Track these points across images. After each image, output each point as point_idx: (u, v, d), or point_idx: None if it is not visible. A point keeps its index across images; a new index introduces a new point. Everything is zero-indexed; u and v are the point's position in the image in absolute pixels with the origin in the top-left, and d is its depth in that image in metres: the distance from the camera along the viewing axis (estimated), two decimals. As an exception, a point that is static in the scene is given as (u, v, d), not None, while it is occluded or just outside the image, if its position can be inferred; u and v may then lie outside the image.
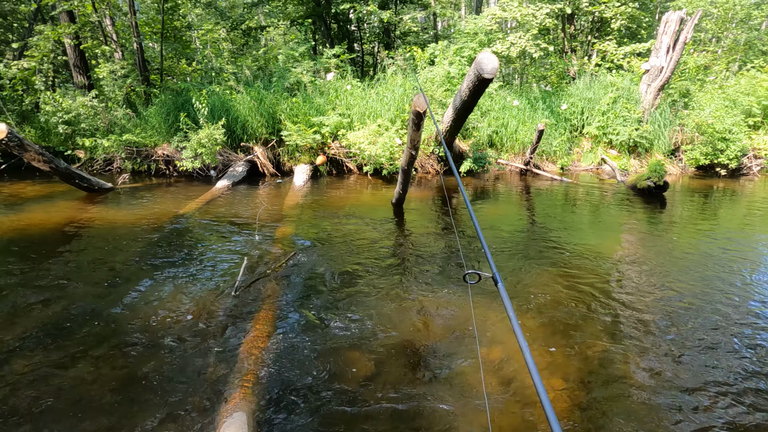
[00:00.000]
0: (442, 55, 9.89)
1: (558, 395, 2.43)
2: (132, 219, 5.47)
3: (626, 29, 13.30)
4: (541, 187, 8.27)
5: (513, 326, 1.34)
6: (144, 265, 4.04)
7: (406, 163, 4.98)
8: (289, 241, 4.76)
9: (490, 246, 4.74)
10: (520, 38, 11.25)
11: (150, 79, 10.49)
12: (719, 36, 19.16)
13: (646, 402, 2.39)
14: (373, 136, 8.25)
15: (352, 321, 3.11)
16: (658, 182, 7.35)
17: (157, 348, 2.75)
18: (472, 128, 9.58)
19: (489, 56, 5.87)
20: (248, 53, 12.79)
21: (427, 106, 3.94)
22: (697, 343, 2.95)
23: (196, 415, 2.19)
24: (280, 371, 2.54)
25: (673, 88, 10.90)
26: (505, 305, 1.44)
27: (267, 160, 8.58)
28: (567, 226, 5.64)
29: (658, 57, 9.88)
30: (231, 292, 3.46)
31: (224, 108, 8.58)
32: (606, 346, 2.88)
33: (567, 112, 10.40)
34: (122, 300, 3.36)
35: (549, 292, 3.63)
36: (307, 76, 9.52)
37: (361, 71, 13.38)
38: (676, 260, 4.49)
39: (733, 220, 6.30)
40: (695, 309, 3.42)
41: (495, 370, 2.63)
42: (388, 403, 2.32)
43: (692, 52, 12.66)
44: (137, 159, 8.51)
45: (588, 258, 4.43)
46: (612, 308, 3.40)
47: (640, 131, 9.80)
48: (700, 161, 9.88)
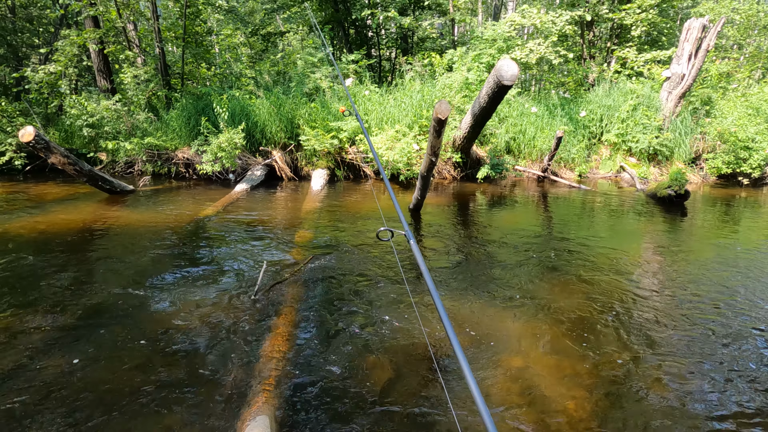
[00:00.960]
0: (461, 62, 9.90)
1: (579, 405, 2.40)
2: (153, 221, 5.55)
3: (647, 36, 13.18)
4: (559, 195, 8.21)
5: (425, 278, 1.52)
6: (165, 267, 4.10)
7: (426, 169, 4.99)
8: (307, 245, 4.78)
9: (509, 253, 4.72)
10: (540, 45, 11.20)
11: (171, 84, 10.66)
12: (741, 43, 18.88)
13: (668, 418, 2.35)
14: (391, 141, 8.27)
15: (371, 326, 3.11)
16: (678, 191, 7.25)
17: (178, 349, 2.78)
18: (489, 134, 9.56)
19: (509, 63, 5.87)
20: (267, 58, 12.92)
21: (448, 112, 3.95)
22: (720, 358, 2.89)
23: (219, 418, 2.21)
24: (301, 375, 2.55)
25: (694, 96, 10.76)
26: (416, 258, 1.70)
27: (285, 164, 8.66)
28: (585, 235, 5.58)
29: (680, 64, 9.77)
30: (251, 295, 3.49)
31: (244, 112, 8.68)
32: (627, 358, 2.84)
33: (586, 119, 10.33)
34: (143, 301, 3.40)
35: (567, 302, 3.60)
36: (326, 81, 9.59)
37: (378, 77, 13.44)
38: (697, 271, 4.41)
39: (756, 231, 6.18)
40: (717, 322, 3.36)
41: (514, 378, 2.61)
42: (408, 408, 2.32)
43: (714, 60, 12.49)
44: (158, 162, 8.64)
45: (606, 268, 4.38)
46: (632, 320, 3.36)
47: (661, 139, 9.69)
48: (722, 170, 9.73)
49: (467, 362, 1.24)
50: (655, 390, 2.54)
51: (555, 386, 2.55)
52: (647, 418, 2.32)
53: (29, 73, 9.21)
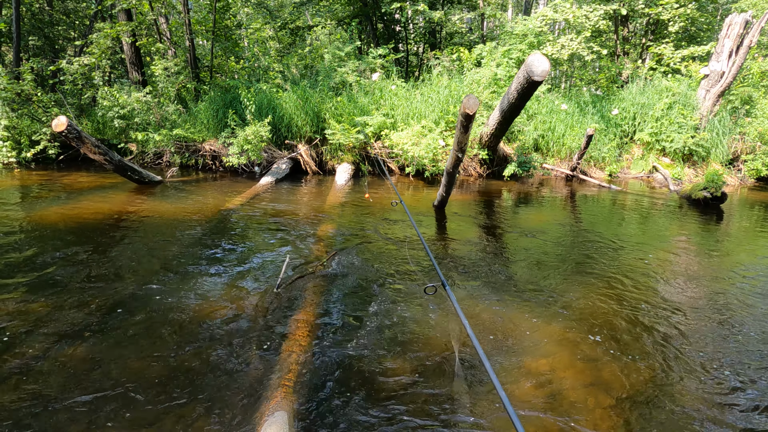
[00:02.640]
0: (489, 57, 9.74)
1: (606, 414, 2.31)
2: (180, 212, 5.62)
3: (684, 32, 12.73)
4: (588, 194, 8.00)
5: (466, 329, 1.57)
6: (189, 257, 4.13)
7: (452, 165, 4.90)
8: (330, 239, 4.76)
9: (535, 253, 4.60)
10: (572, 41, 10.93)
11: (200, 76, 10.78)
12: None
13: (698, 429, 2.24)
14: (417, 137, 8.19)
15: (392, 323, 3.06)
16: (715, 193, 6.98)
17: (201, 341, 2.78)
18: (517, 131, 9.38)
19: (540, 58, 5.73)
20: (294, 52, 12.96)
21: (477, 108, 3.86)
22: (755, 371, 2.75)
23: (238, 412, 2.19)
24: (320, 371, 2.52)
25: (734, 95, 10.35)
26: (456, 310, 1.75)
27: (310, 158, 8.66)
28: (614, 236, 5.42)
29: (719, 61, 9.39)
30: (274, 288, 3.48)
31: (270, 106, 8.71)
32: (657, 367, 2.72)
33: (618, 117, 10.05)
34: (167, 292, 3.43)
35: (594, 306, 3.48)
36: (353, 75, 9.55)
37: (405, 72, 13.34)
38: (732, 277, 4.23)
39: (798, 237, 5.90)
40: (752, 333, 3.20)
41: (540, 383, 2.53)
42: (427, 407, 2.26)
43: (757, 57, 11.99)
44: (186, 153, 8.75)
45: (636, 271, 4.23)
46: (662, 327, 3.23)
47: (697, 139, 9.35)
48: (762, 172, 9.33)
49: (496, 377, 1.17)
50: (686, 402, 2.43)
51: (581, 393, 2.46)
52: (676, 431, 2.22)
53: (64, 65, 9.43)
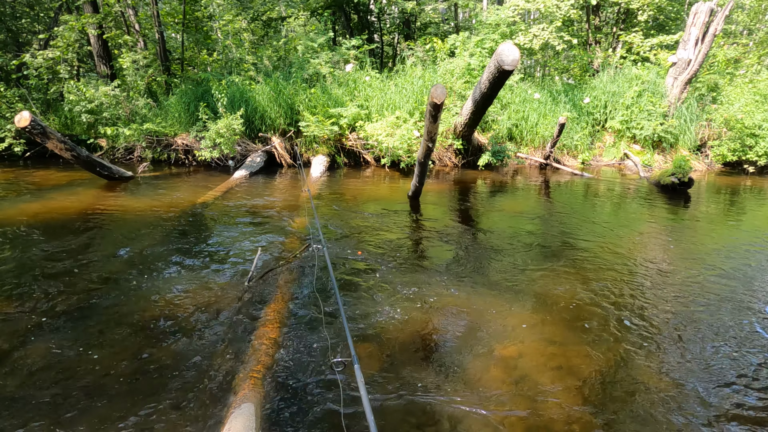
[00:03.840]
0: (463, 47, 9.76)
1: (571, 394, 2.37)
2: (150, 207, 5.53)
3: (653, 20, 12.95)
4: (561, 182, 8.13)
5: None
6: (160, 253, 4.08)
7: (423, 155, 4.92)
8: (304, 232, 4.75)
9: (508, 240, 4.67)
10: (544, 30, 11.03)
11: (171, 69, 10.58)
12: (751, 28, 18.53)
13: (661, 406, 2.32)
14: (391, 128, 8.19)
15: (364, 314, 3.09)
16: (682, 178, 7.15)
17: (169, 336, 2.76)
18: (491, 121, 9.45)
19: (510, 48, 5.77)
20: (268, 44, 12.79)
21: (444, 97, 3.88)
22: (717, 347, 2.85)
23: (205, 405, 2.19)
24: (290, 363, 2.53)
25: (700, 82, 10.59)
26: (360, 390, 1.66)
27: (284, 150, 8.60)
28: (586, 223, 5.52)
29: (686, 49, 9.59)
30: (245, 282, 3.46)
31: (243, 98, 8.61)
32: (622, 347, 2.80)
33: (589, 105, 10.19)
34: (137, 287, 3.39)
35: (565, 291, 3.56)
36: (326, 67, 9.49)
37: (380, 63, 13.29)
38: (699, 260, 4.36)
39: (760, 219, 6.09)
40: (716, 311, 3.31)
41: (507, 367, 2.58)
42: (398, 396, 2.30)
43: (722, 45, 12.27)
44: (157, 148, 8.60)
45: (606, 256, 4.33)
46: (630, 308, 3.32)
47: (665, 126, 9.56)
48: (728, 158, 9.60)
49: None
50: (648, 380, 2.51)
51: (548, 376, 2.52)
52: (639, 409, 2.29)
53: (28, 58, 9.15)
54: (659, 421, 2.21)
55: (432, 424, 2.14)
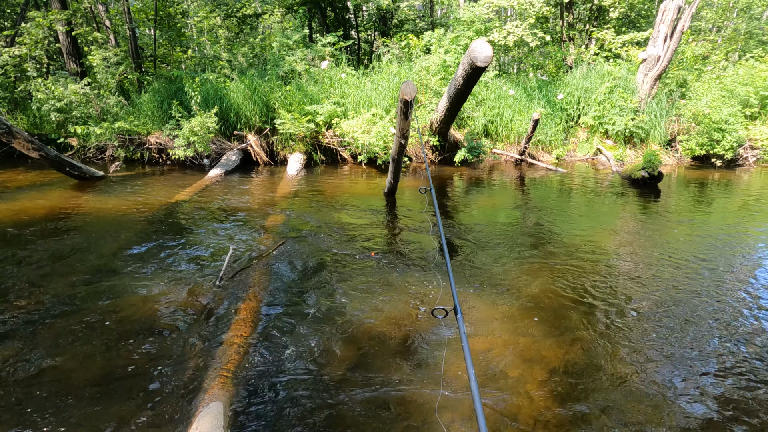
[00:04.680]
0: (438, 44, 9.81)
1: (540, 386, 2.43)
2: (122, 207, 5.45)
3: (625, 17, 13.18)
4: (536, 177, 8.24)
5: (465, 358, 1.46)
6: (131, 253, 4.03)
7: (396, 152, 4.95)
8: (278, 230, 4.74)
9: (484, 236, 4.73)
10: (518, 27, 11.14)
11: (143, 67, 10.40)
12: (720, 25, 19.00)
13: (630, 393, 2.39)
14: (367, 125, 8.20)
15: (337, 310, 3.10)
16: (652, 172, 7.32)
17: (139, 337, 2.74)
18: (467, 117, 9.52)
19: (482, 44, 5.83)
20: (244, 41, 12.65)
21: (414, 93, 3.91)
22: (685, 334, 2.95)
23: (173, 405, 2.19)
24: (261, 360, 2.53)
25: (670, 78, 10.83)
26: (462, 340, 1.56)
27: (260, 148, 8.54)
28: (560, 217, 5.62)
29: (656, 46, 9.80)
30: (216, 281, 3.45)
31: (218, 96, 8.52)
32: (593, 338, 2.88)
33: (563, 101, 10.34)
34: (106, 288, 3.34)
35: (538, 285, 3.63)
36: (302, 64, 9.44)
37: (357, 59, 13.27)
38: (667, 251, 4.48)
39: (727, 211, 6.28)
40: (684, 301, 3.42)
41: (481, 360, 2.63)
42: (370, 391, 2.32)
43: (690, 42, 12.56)
44: (130, 147, 8.46)
45: (579, 249, 4.42)
46: (601, 299, 3.40)
47: (636, 121, 9.75)
48: (696, 152, 9.84)
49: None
50: (616, 370, 2.58)
51: (519, 369, 2.57)
52: (606, 398, 2.36)
53: (-7, 55, 8.89)
54: (628, 410, 2.28)
55: (404, 415, 2.17)
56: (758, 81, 10.68)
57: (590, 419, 2.20)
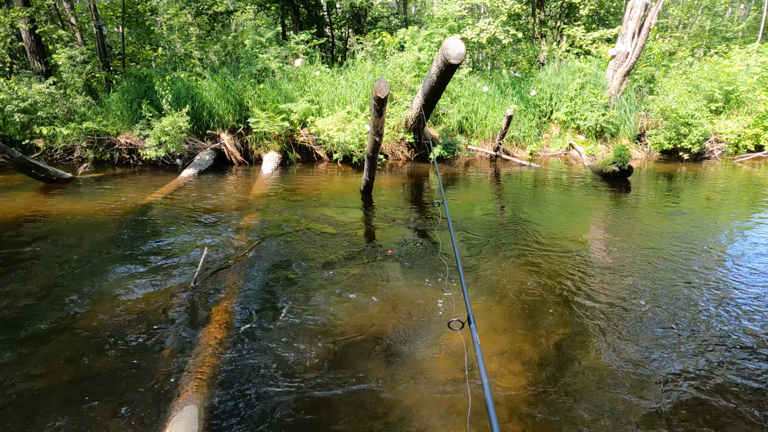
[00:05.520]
0: (412, 41, 9.83)
1: (516, 379, 2.46)
2: (92, 210, 5.32)
3: (595, 14, 13.43)
4: (511, 173, 8.34)
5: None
6: (102, 256, 3.94)
7: (371, 150, 4.95)
8: (254, 230, 4.69)
9: (459, 232, 4.76)
10: (490, 24, 11.24)
11: (111, 65, 10.15)
12: (686, 22, 19.52)
13: (604, 384, 2.44)
14: (342, 122, 8.17)
15: (314, 310, 3.09)
16: (622, 167, 7.49)
17: (112, 342, 2.68)
18: (441, 114, 9.58)
19: (455, 42, 5.85)
20: (216, 39, 12.47)
21: (388, 91, 3.91)
22: (658, 324, 3.02)
23: (147, 410, 2.15)
24: (236, 362, 2.51)
25: (638, 74, 11.08)
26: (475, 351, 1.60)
27: (234, 148, 8.43)
28: (534, 212, 5.70)
29: (624, 43, 10.01)
30: (190, 282, 3.39)
31: (189, 95, 8.37)
32: (566, 330, 2.93)
33: (536, 98, 10.48)
34: (77, 293, 3.26)
35: (513, 277, 3.67)
36: (275, 62, 9.35)
37: (331, 57, 13.21)
38: (638, 243, 4.58)
39: (694, 203, 6.46)
40: (654, 290, 3.50)
41: (454, 355, 2.65)
42: (347, 390, 2.32)
43: (657, 38, 12.87)
44: (99, 148, 8.25)
45: (552, 242, 4.49)
46: (575, 292, 3.46)
47: (607, 116, 9.95)
48: (664, 146, 10.10)
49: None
50: (592, 361, 2.63)
51: (494, 362, 2.60)
52: (581, 389, 2.40)
53: (-49, 54, 8.56)
54: (601, 400, 2.33)
55: (381, 415, 2.18)
56: (722, 76, 11.02)
57: (564, 409, 2.24)
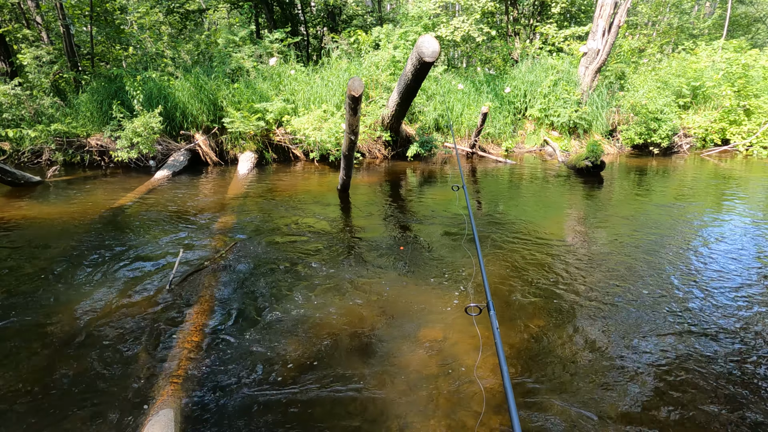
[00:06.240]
0: (387, 39, 9.84)
1: (492, 372, 2.49)
2: (62, 213, 5.19)
3: (567, 12, 13.64)
4: (487, 170, 8.43)
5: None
6: (74, 261, 3.85)
7: (347, 148, 4.95)
8: (230, 231, 4.65)
9: (436, 229, 4.79)
10: (464, 22, 11.33)
11: (80, 65, 9.90)
12: (654, 20, 19.97)
13: (578, 373, 2.49)
14: (318, 121, 8.14)
15: (291, 311, 3.08)
16: (595, 162, 7.63)
17: (86, 348, 2.63)
18: (418, 112, 9.62)
19: (429, 40, 5.89)
20: (188, 38, 12.28)
21: (362, 89, 3.91)
22: (630, 314, 3.09)
23: (123, 415, 2.11)
24: (213, 365, 2.48)
25: (609, 71, 11.30)
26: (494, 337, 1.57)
27: (209, 148, 8.33)
28: (511, 206, 5.78)
29: (595, 40, 10.20)
30: (166, 286, 3.35)
31: (162, 95, 8.23)
32: (542, 321, 2.98)
33: (510, 95, 10.61)
34: (47, 298, 3.18)
35: (490, 274, 3.71)
36: (249, 61, 9.26)
37: (306, 56, 13.13)
38: (612, 234, 4.68)
39: (665, 196, 6.63)
40: (626, 280, 3.59)
41: (433, 350, 2.67)
42: (325, 391, 2.32)
43: (627, 36, 13.14)
44: (69, 150, 8.05)
45: (528, 236, 4.56)
46: (551, 283, 3.52)
47: (580, 113, 10.13)
48: (635, 141, 10.33)
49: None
50: (566, 351, 2.68)
51: (472, 357, 2.62)
52: (556, 378, 2.45)
53: None
54: (579, 388, 2.37)
55: (358, 414, 2.19)
56: (689, 72, 11.32)
57: (541, 400, 2.28)
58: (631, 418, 2.17)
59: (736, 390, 2.36)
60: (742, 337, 2.82)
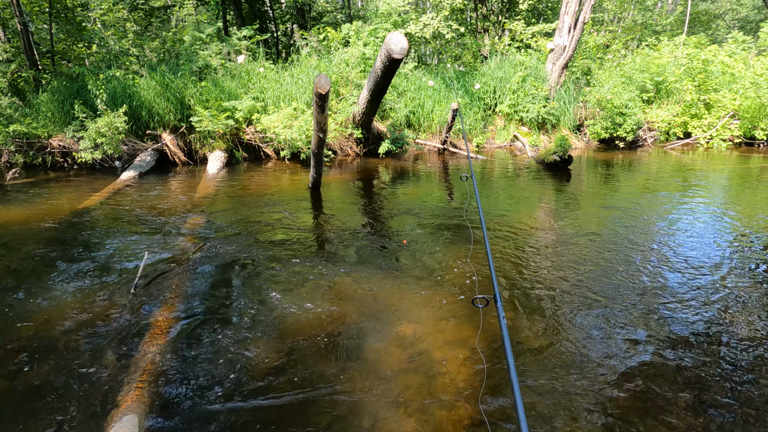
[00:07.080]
0: (357, 36, 9.82)
1: (463, 367, 2.52)
2: (22, 217, 5.03)
3: (534, 9, 13.83)
4: (459, 165, 8.51)
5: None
6: (36, 266, 3.73)
7: (316, 146, 4.93)
8: (199, 232, 4.58)
9: (409, 225, 4.82)
10: (433, 19, 11.38)
11: (40, 64, 9.57)
12: (620, 16, 20.43)
13: (546, 363, 2.55)
14: (289, 119, 8.07)
15: (260, 312, 3.05)
16: (563, 156, 7.79)
17: (46, 354, 2.56)
18: (389, 109, 9.63)
19: (398, 37, 5.90)
20: (154, 35, 12.00)
21: (329, 87, 3.90)
22: (599, 303, 3.17)
23: (84, 422, 2.06)
24: (178, 370, 2.45)
25: (575, 67, 11.53)
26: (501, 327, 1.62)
27: (177, 148, 8.17)
28: (483, 200, 5.83)
29: (561, 36, 10.38)
30: (130, 288, 3.28)
31: (126, 94, 8.03)
32: (511, 315, 3.03)
33: (480, 91, 10.72)
34: (6, 305, 3.08)
35: (459, 268, 3.75)
36: (217, 59, 9.11)
37: (276, 53, 13.00)
38: (579, 227, 4.78)
39: (630, 188, 6.81)
40: (594, 271, 3.68)
41: (405, 346, 2.69)
42: (295, 393, 2.30)
43: (592, 32, 13.41)
44: (29, 152, 7.79)
45: (500, 230, 4.62)
46: (522, 277, 3.58)
47: (548, 108, 10.31)
48: (602, 135, 10.57)
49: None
50: (538, 345, 2.73)
51: (442, 351, 2.65)
52: (529, 372, 2.50)
53: None
54: (553, 385, 2.42)
55: (330, 413, 2.19)
56: (652, 68, 11.63)
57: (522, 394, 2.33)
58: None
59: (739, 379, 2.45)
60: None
